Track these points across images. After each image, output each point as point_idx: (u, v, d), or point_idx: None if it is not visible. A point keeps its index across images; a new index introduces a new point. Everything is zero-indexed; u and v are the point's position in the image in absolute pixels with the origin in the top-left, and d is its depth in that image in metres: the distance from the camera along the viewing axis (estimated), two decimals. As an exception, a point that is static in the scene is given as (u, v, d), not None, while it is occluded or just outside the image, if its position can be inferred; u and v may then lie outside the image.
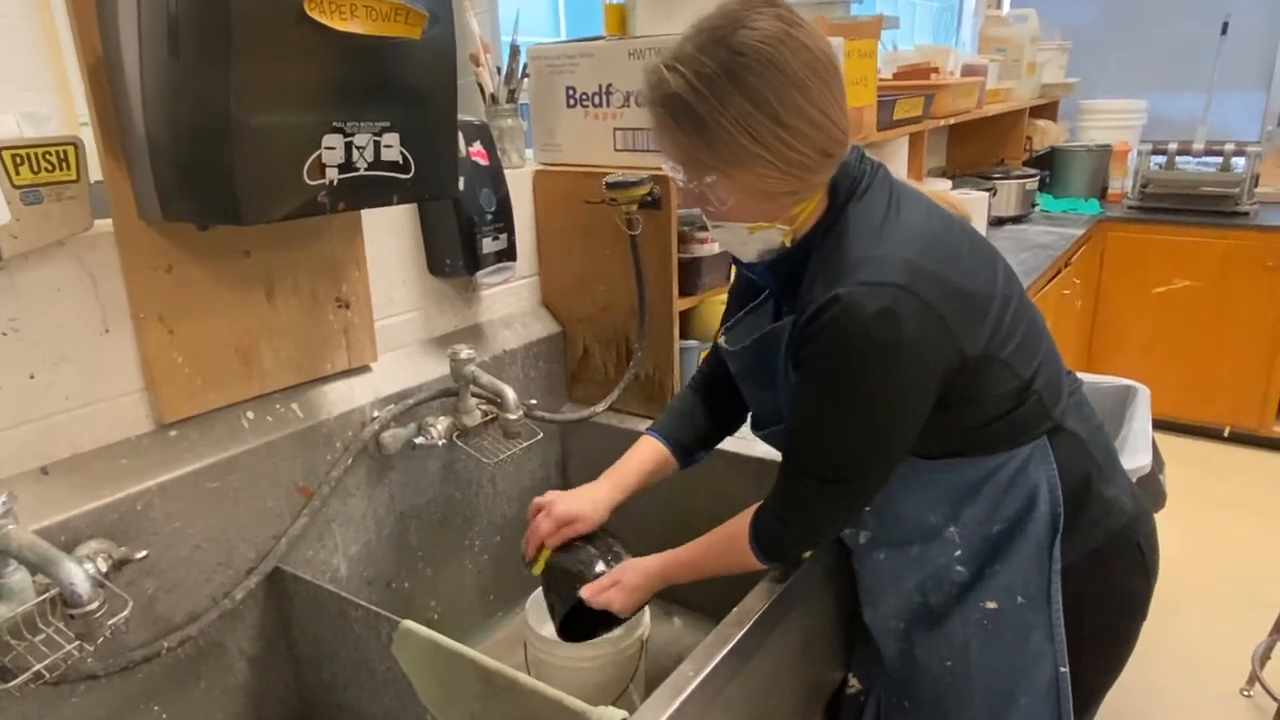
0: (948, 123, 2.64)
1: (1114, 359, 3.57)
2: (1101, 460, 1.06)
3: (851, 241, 0.91)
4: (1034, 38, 3.52)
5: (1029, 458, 1.00)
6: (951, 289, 0.90)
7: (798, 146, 0.84)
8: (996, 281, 0.97)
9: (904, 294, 0.86)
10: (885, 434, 0.93)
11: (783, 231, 0.95)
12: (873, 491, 0.98)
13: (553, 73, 1.49)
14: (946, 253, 0.93)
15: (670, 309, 1.43)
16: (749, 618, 1.00)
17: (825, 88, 0.84)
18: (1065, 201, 3.68)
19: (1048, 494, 1.01)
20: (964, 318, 0.90)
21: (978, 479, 1.01)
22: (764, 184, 0.87)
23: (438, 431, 1.23)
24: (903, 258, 0.88)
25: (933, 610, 1.08)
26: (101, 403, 0.99)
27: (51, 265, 0.92)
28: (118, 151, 0.93)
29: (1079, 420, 1.05)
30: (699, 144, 0.85)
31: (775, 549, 1.03)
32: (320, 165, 0.90)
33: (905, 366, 0.88)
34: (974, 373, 0.93)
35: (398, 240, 1.31)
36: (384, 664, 1.02)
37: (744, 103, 0.81)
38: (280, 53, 0.84)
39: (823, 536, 1.07)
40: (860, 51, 1.87)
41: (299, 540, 1.15)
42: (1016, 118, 3.52)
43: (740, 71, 0.81)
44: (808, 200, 0.93)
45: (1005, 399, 0.97)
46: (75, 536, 0.93)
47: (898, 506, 1.05)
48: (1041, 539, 1.01)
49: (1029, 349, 0.98)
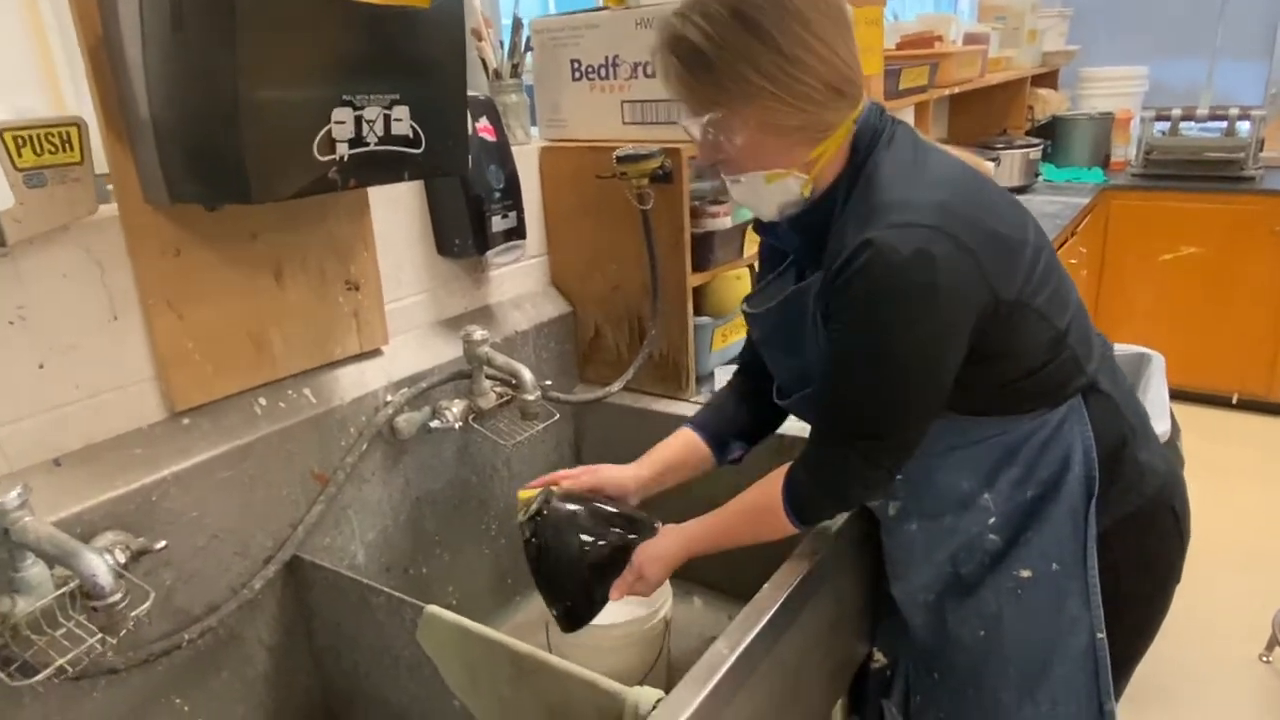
0: (951, 92, 2.61)
1: (1121, 327, 3.55)
2: (1135, 423, 1.04)
3: (879, 187, 0.89)
4: (1034, 5, 3.47)
5: (1064, 418, 0.99)
6: (985, 230, 0.88)
7: (801, 77, 0.84)
8: (1028, 229, 0.95)
9: (938, 234, 0.84)
10: (921, 382, 0.90)
11: (800, 180, 0.93)
12: (910, 446, 0.95)
13: (556, 45, 1.46)
14: (978, 196, 0.92)
15: (684, 285, 1.40)
16: (781, 593, 0.99)
17: (830, 24, 0.85)
18: (1068, 171, 3.65)
19: (1082, 456, 0.99)
20: (998, 260, 0.88)
21: (1014, 443, 0.99)
22: (772, 117, 0.87)
23: (453, 414, 1.21)
24: (935, 200, 0.87)
25: (964, 580, 1.06)
26: (112, 392, 0.96)
27: (57, 251, 0.90)
28: (121, 134, 0.91)
29: (1112, 382, 1.03)
30: (706, 82, 0.86)
31: (812, 512, 1.00)
32: (330, 140, 0.87)
33: (941, 309, 0.86)
34: (1008, 319, 0.91)
35: (405, 220, 1.28)
36: (407, 650, 1.01)
37: (747, 37, 0.83)
38: (287, 24, 0.81)
39: (858, 498, 1.05)
40: (867, 19, 1.83)
41: (316, 528, 1.13)
42: (1018, 87, 3.48)
43: (743, 8, 0.83)
44: (823, 144, 0.91)
45: (1040, 350, 0.95)
46: (91, 529, 0.91)
47: (931, 475, 1.03)
48: (1076, 503, 1.00)
49: (1061, 301, 0.96)
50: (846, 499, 1.02)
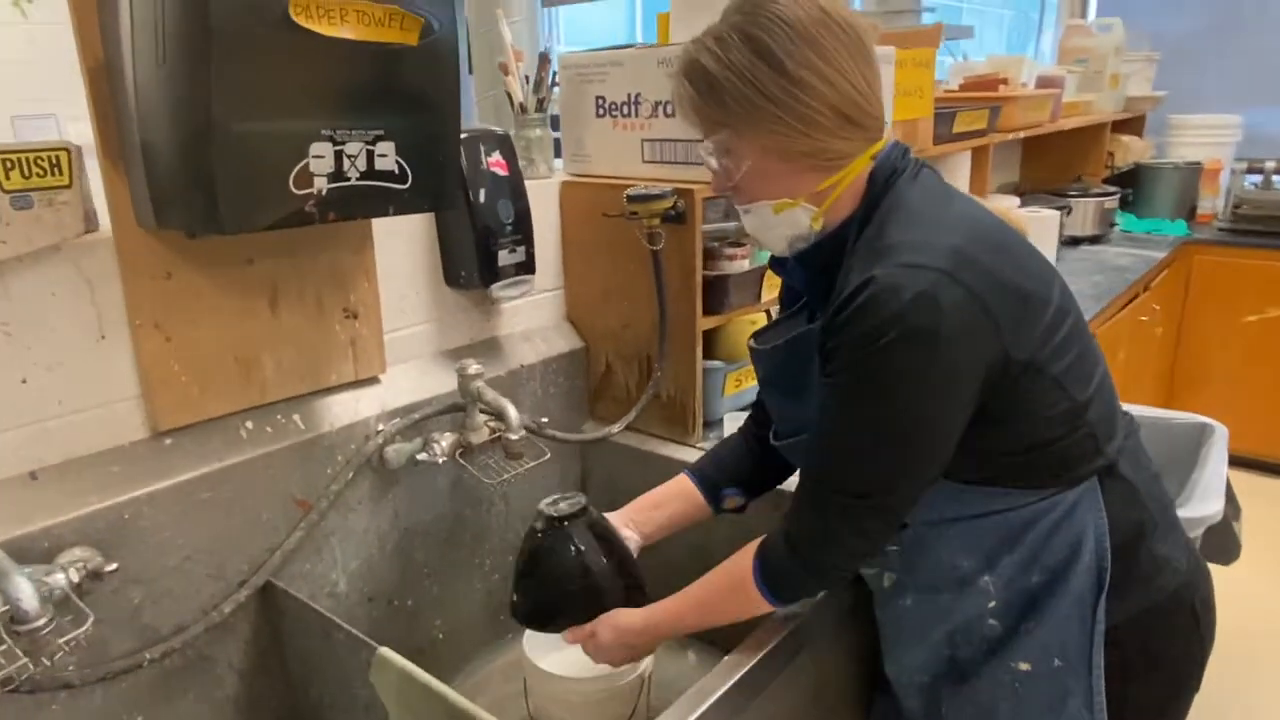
0: (1017, 136, 2.51)
1: (1198, 391, 3.35)
2: (1156, 513, 0.96)
3: (893, 226, 0.85)
4: (1118, 48, 3.33)
5: (1077, 503, 0.91)
6: (1001, 281, 0.82)
7: (806, 100, 0.82)
8: (1053, 289, 0.88)
9: (946, 279, 0.78)
10: (917, 439, 0.83)
11: (809, 212, 0.89)
12: (900, 511, 0.88)
13: (583, 81, 1.45)
14: (1000, 244, 0.86)
15: (693, 327, 1.37)
16: (753, 655, 0.94)
17: (844, 51, 0.83)
18: (1149, 222, 3.47)
19: (1094, 544, 0.91)
20: (1013, 315, 0.82)
21: (1019, 524, 0.92)
22: (777, 141, 0.85)
23: (441, 448, 1.19)
24: (949, 243, 0.81)
25: (960, 666, 0.99)
26: (96, 409, 0.98)
27: (47, 270, 0.92)
28: (116, 158, 0.93)
29: (1134, 467, 0.95)
30: (711, 102, 0.86)
31: (786, 585, 0.93)
32: (308, 174, 0.87)
33: (942, 361, 0.79)
34: (1019, 383, 0.84)
35: (412, 250, 1.28)
36: (364, 689, 0.98)
37: (754, 59, 0.82)
38: (264, 58, 0.81)
39: (839, 570, 0.94)
40: (915, 61, 1.78)
41: (295, 554, 1.13)
42: (1097, 132, 3.33)
43: (750, 29, 0.82)
44: (836, 175, 0.87)
45: (1053, 423, 0.87)
46: (59, 543, 0.92)
47: (928, 547, 0.96)
48: (1084, 595, 0.92)
49: (1083, 373, 0.89)
50: (827, 569, 0.93)
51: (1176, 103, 3.74)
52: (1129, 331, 2.69)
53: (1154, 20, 3.85)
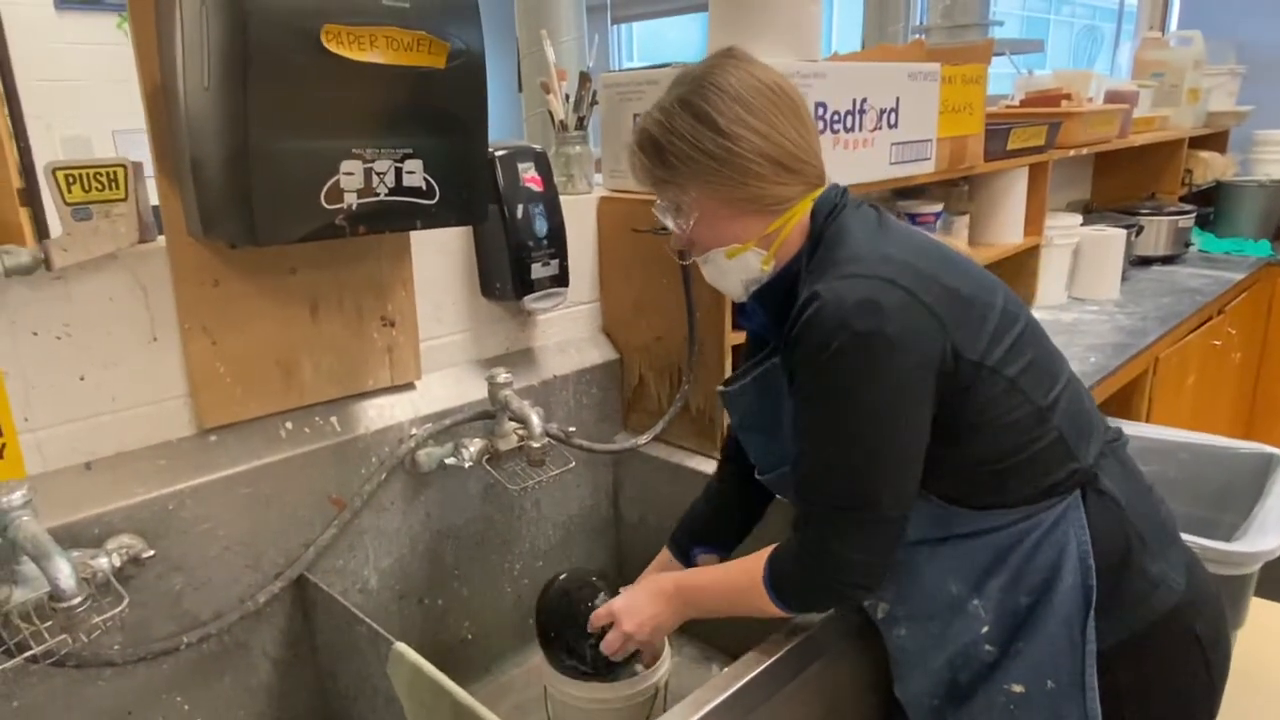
0: (1079, 153, 2.44)
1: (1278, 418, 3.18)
2: (1146, 530, 0.94)
3: (836, 250, 0.91)
4: (1198, 61, 3.21)
5: (1058, 520, 0.91)
6: (941, 285, 0.87)
7: (740, 152, 0.89)
8: (997, 294, 0.92)
9: (886, 284, 0.84)
10: (883, 442, 0.86)
11: (760, 255, 0.96)
12: (891, 520, 0.88)
13: (622, 100, 1.48)
14: (940, 256, 0.92)
15: (722, 342, 1.38)
16: (755, 666, 0.94)
17: (773, 108, 0.91)
18: (1230, 242, 3.32)
19: (1077, 563, 0.91)
20: (955, 315, 0.86)
21: (1004, 545, 0.92)
22: (717, 191, 0.92)
23: (469, 453, 1.24)
24: (887, 253, 0.88)
25: (962, 688, 0.99)
26: (146, 406, 1.05)
27: (106, 276, 1.00)
28: (171, 173, 1.00)
29: (1118, 479, 0.95)
30: (657, 164, 0.94)
31: (794, 595, 0.94)
32: (339, 190, 0.93)
33: (894, 360, 0.83)
34: (975, 387, 0.87)
35: (450, 261, 1.33)
36: (384, 683, 1.03)
37: (691, 120, 0.90)
38: (298, 82, 0.87)
39: (842, 583, 0.91)
40: (965, 77, 1.76)
41: (328, 550, 1.19)
42: (1173, 148, 3.21)
43: (690, 98, 0.91)
44: (780, 218, 0.94)
45: (1019, 429, 0.89)
46: (108, 530, 0.99)
47: (917, 572, 0.96)
48: (1071, 615, 0.91)
49: (1045, 375, 0.92)
50: (830, 582, 0.91)
51: (1264, 118, 3.58)
52: (1200, 356, 2.58)
53: (1241, 32, 3.70)
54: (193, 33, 0.88)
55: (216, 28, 0.84)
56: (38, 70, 2.85)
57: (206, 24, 0.85)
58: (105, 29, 3.10)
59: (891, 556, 0.91)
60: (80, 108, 2.95)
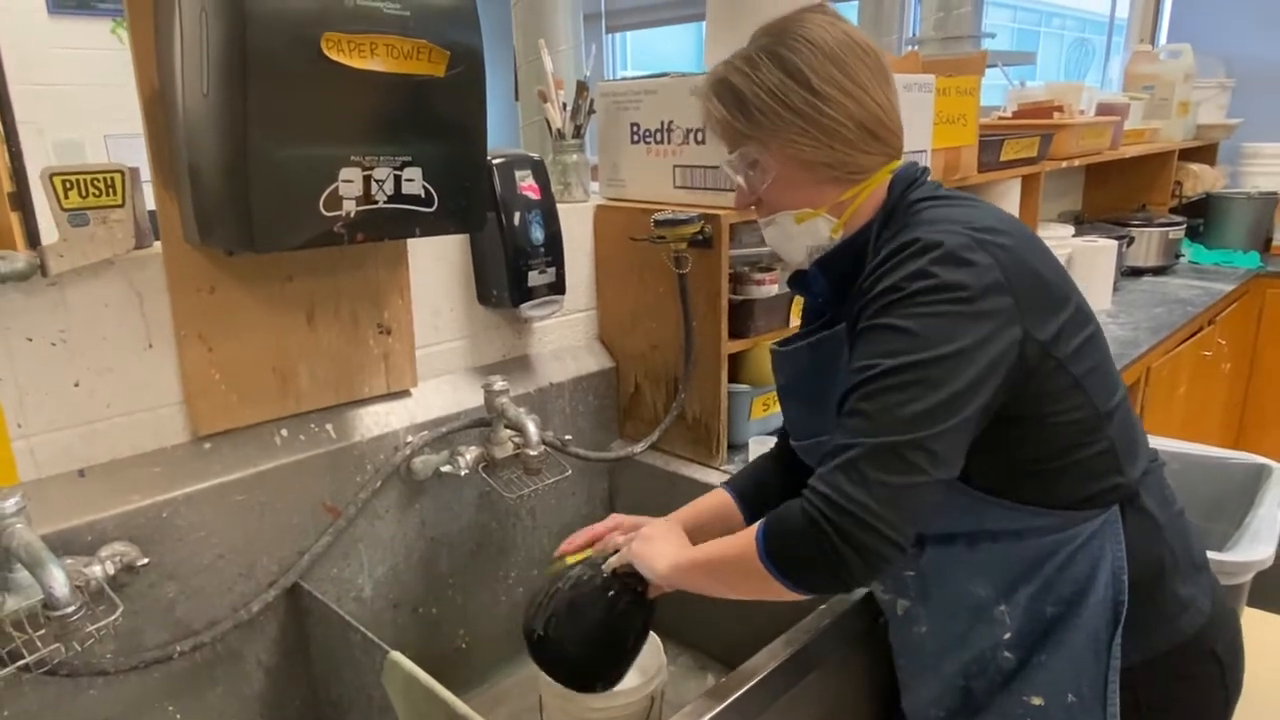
0: (1072, 165, 2.46)
1: (1270, 431, 3.20)
2: (1179, 551, 0.94)
3: (914, 223, 0.87)
4: (1188, 74, 3.24)
5: (1095, 532, 0.90)
6: (1024, 266, 0.83)
7: (829, 113, 0.86)
8: (1073, 292, 0.90)
9: (974, 243, 0.81)
10: (951, 380, 0.77)
11: (830, 223, 0.93)
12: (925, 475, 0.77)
13: (619, 109, 1.49)
14: (1026, 236, 0.88)
15: (718, 351, 1.38)
16: (752, 677, 0.94)
17: (865, 69, 0.88)
18: (1219, 253, 3.35)
19: (1110, 578, 0.90)
20: (1031, 296, 0.83)
21: (1040, 554, 0.90)
22: (800, 152, 0.89)
23: (465, 461, 1.23)
24: (975, 223, 0.84)
25: (975, 697, 0.98)
26: (141, 413, 1.05)
27: (101, 283, 0.99)
28: (168, 179, 1.00)
29: (1158, 501, 0.94)
30: (738, 116, 0.90)
31: (791, 560, 0.79)
32: (337, 198, 0.93)
33: (971, 310, 0.79)
34: (1039, 372, 0.83)
35: (447, 269, 1.33)
36: (379, 691, 1.02)
37: (780, 74, 0.87)
38: (298, 90, 0.87)
39: (851, 539, 0.75)
40: (958, 89, 1.77)
41: (323, 558, 1.18)
42: (1164, 160, 3.24)
43: (777, 48, 0.87)
44: (856, 188, 0.91)
45: (1074, 429, 0.86)
46: (102, 537, 0.98)
47: (947, 575, 0.95)
48: (1099, 629, 0.90)
49: (1107, 383, 0.90)
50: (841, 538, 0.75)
51: (1253, 130, 3.61)
52: (1190, 366, 2.60)
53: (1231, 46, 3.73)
54: (192, 39, 0.88)
55: (216, 34, 0.84)
56: (29, 75, 2.84)
57: (206, 30, 0.85)
58: (98, 34, 3.08)
59: (918, 524, 0.79)
60: (72, 113, 2.94)
